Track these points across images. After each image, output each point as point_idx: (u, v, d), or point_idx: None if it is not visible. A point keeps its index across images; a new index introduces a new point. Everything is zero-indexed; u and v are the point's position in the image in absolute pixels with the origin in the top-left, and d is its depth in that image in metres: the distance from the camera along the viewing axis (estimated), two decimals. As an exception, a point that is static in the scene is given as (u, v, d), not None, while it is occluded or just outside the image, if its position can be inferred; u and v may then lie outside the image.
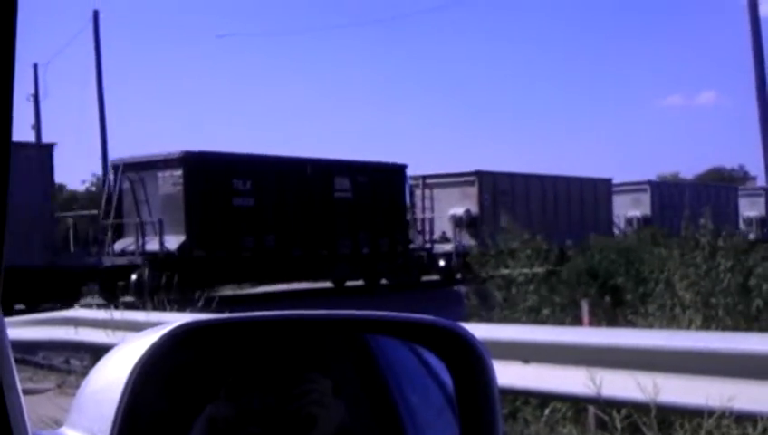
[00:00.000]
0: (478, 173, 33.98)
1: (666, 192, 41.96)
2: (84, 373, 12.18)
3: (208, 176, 25.14)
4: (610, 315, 14.11)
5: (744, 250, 12.89)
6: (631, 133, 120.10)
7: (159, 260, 23.88)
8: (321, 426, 1.42)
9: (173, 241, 24.85)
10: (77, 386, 10.41)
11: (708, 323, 11.45)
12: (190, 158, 25.42)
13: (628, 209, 40.97)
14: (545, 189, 36.44)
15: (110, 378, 1.14)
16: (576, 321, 11.70)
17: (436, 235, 33.67)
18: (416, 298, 25.16)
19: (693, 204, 38.64)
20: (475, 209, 33.18)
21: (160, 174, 25.29)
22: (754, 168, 72.85)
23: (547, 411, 7.38)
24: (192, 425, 1.30)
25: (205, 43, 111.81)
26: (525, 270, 13.88)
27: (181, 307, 10.87)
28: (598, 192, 38.92)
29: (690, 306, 11.86)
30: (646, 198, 41.28)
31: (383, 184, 30.35)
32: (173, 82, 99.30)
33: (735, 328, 11.19)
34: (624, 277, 16.34)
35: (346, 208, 28.96)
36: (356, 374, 1.56)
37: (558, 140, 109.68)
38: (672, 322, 11.85)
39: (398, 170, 31.70)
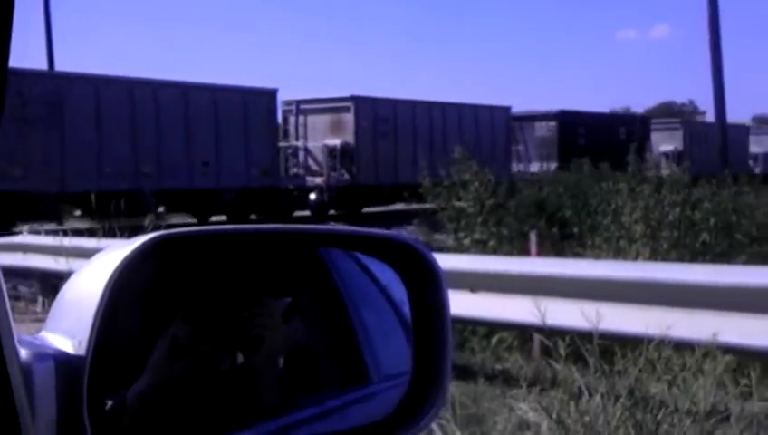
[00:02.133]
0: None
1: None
2: (33, 300, 12.14)
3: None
4: (558, 248, 14.33)
5: (688, 184, 13.09)
6: (583, 66, 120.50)
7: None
8: (268, 346, 1.48)
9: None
10: (25, 312, 10.33)
11: (655, 256, 11.68)
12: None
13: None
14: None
15: (88, 285, 1.18)
16: (524, 253, 11.87)
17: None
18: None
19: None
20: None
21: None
22: (704, 103, 73.62)
23: (494, 341, 7.53)
24: (155, 342, 1.35)
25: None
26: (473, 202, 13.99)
27: (132, 234, 10.83)
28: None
29: (638, 239, 12.08)
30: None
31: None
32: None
33: (681, 261, 11.44)
34: (572, 210, 16.55)
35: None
36: (312, 290, 1.61)
37: (505, 72, 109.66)
38: (619, 254, 12.07)
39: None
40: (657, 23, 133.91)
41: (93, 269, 1.23)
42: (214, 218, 28.24)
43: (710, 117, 38.37)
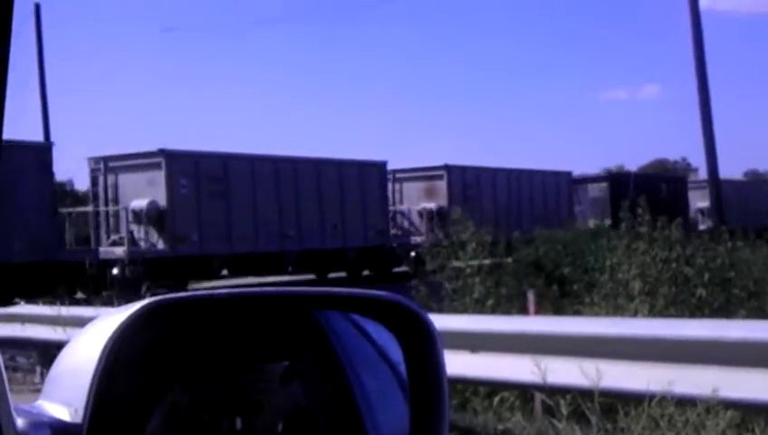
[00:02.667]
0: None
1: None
2: (31, 370, 12.04)
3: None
4: (557, 306, 14.30)
5: (679, 241, 13.10)
6: (576, 127, 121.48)
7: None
8: (267, 411, 1.48)
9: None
10: (23, 383, 10.25)
11: (653, 312, 11.65)
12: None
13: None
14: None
15: (84, 352, 1.18)
16: (523, 311, 11.83)
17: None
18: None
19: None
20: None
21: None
22: (696, 159, 74.04)
23: (496, 401, 7.48)
24: (155, 407, 1.34)
25: (151, 37, 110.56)
26: (474, 262, 14.00)
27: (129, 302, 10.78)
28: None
29: (636, 296, 12.05)
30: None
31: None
32: (118, 79, 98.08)
33: (680, 317, 11.40)
34: (570, 268, 16.55)
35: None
36: (310, 353, 1.61)
37: (499, 132, 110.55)
38: (617, 311, 12.04)
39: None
40: (647, 82, 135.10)
41: (89, 336, 1.23)
42: (333, 275, 31.72)
43: (702, 173, 38.76)
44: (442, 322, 7.21)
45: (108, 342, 1.17)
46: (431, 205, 33.91)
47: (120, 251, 25.32)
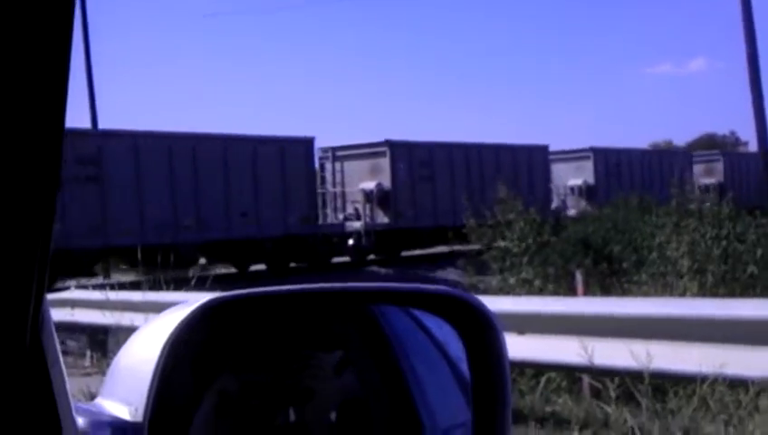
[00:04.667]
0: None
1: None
2: (81, 354, 12.22)
3: None
4: (606, 284, 14.20)
5: (731, 217, 12.94)
6: (623, 101, 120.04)
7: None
8: (319, 399, 1.48)
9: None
10: (74, 366, 10.39)
11: (703, 290, 11.54)
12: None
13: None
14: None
15: (143, 351, 1.19)
16: (571, 291, 11.77)
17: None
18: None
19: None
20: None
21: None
22: (745, 133, 72.92)
23: (542, 382, 7.45)
24: (203, 396, 1.35)
25: (193, 22, 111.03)
26: (520, 242, 13.95)
27: (177, 287, 10.91)
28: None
29: (685, 274, 11.94)
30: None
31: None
32: (162, 63, 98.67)
33: (731, 295, 11.27)
34: (619, 246, 16.40)
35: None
36: (365, 344, 1.61)
37: (549, 111, 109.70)
38: (666, 289, 11.94)
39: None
40: (694, 56, 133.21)
41: (147, 335, 1.23)
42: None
43: (753, 147, 38.08)
44: (489, 303, 7.18)
45: (167, 341, 1.18)
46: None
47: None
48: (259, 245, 27.71)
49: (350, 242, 30.27)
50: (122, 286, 11.93)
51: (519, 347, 6.01)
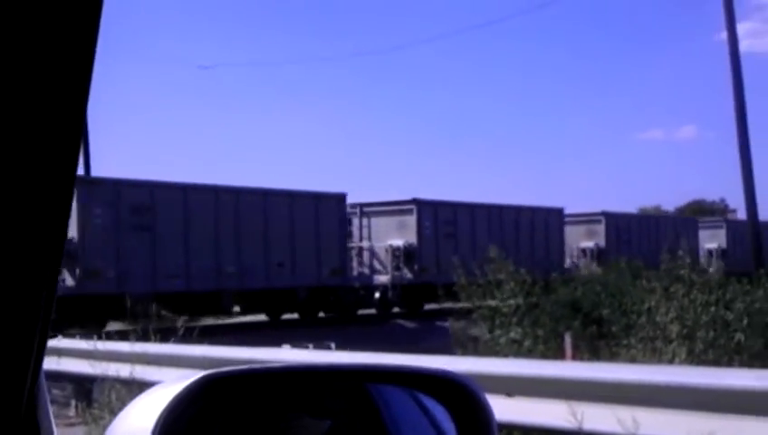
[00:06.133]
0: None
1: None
2: (66, 403, 12.11)
3: None
4: (594, 347, 14.17)
5: (720, 284, 12.98)
6: (613, 167, 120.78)
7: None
8: None
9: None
10: (57, 416, 10.32)
11: (691, 356, 11.53)
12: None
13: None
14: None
15: (138, 422, 1.19)
16: (560, 353, 11.74)
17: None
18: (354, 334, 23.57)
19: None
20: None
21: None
22: (734, 201, 73.44)
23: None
24: None
25: (188, 72, 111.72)
26: (510, 301, 13.94)
27: (164, 337, 10.86)
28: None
29: (674, 339, 11.94)
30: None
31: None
32: (155, 113, 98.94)
33: (718, 362, 11.27)
34: (609, 309, 16.39)
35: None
36: (357, 418, 1.61)
37: (539, 174, 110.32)
38: (654, 354, 11.92)
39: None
40: (684, 123, 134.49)
41: (142, 406, 1.24)
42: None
43: (741, 214, 38.40)
44: (478, 365, 7.20)
45: (162, 413, 1.18)
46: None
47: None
48: (292, 294, 29.04)
49: (377, 295, 31.76)
50: (109, 337, 11.85)
51: (508, 409, 6.00)
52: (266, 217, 28.12)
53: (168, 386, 1.23)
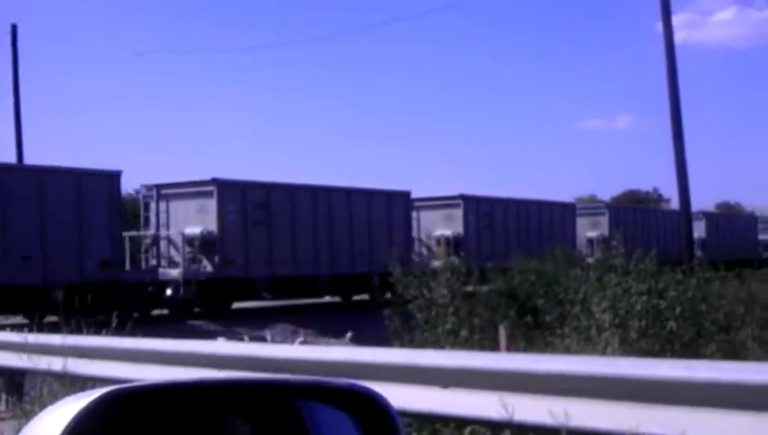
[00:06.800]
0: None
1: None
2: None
3: None
4: (530, 336, 14.31)
5: (654, 273, 13.16)
6: (550, 155, 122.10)
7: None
8: None
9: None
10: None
11: (624, 345, 11.68)
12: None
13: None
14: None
15: None
16: (496, 343, 11.83)
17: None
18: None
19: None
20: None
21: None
22: (668, 190, 74.71)
23: (466, 432, 7.46)
24: None
25: (127, 60, 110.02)
26: (444, 291, 13.99)
27: (97, 330, 10.71)
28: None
29: (607, 329, 12.08)
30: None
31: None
32: (93, 101, 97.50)
33: (650, 351, 11.44)
34: (543, 299, 16.57)
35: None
36: (276, 430, 1.60)
37: (473, 163, 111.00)
38: (588, 343, 12.06)
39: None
40: (621, 113, 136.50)
41: (47, 421, 1.21)
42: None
43: (675, 204, 39.06)
44: (413, 357, 7.22)
45: (65, 428, 1.16)
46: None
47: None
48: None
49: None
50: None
51: (443, 401, 6.04)
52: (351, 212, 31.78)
53: (73, 401, 1.21)
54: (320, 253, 30.80)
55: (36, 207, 24.04)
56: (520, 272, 20.27)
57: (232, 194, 28.75)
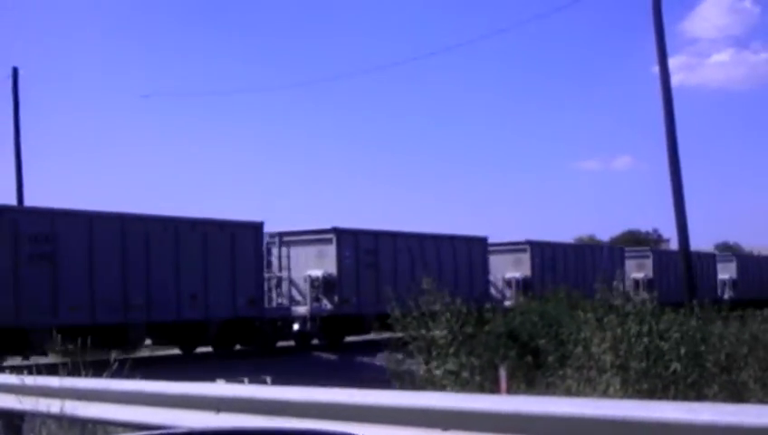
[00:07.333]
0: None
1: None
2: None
3: None
4: (531, 377, 14.25)
5: (654, 314, 13.13)
6: (549, 196, 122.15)
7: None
8: None
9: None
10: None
11: (626, 386, 11.63)
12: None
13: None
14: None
15: None
16: (496, 384, 11.77)
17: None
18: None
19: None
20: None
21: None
22: (667, 231, 74.68)
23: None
24: None
25: (130, 102, 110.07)
26: (445, 332, 13.96)
27: (96, 372, 10.66)
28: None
29: (608, 370, 12.04)
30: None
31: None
32: (96, 143, 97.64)
33: (653, 392, 11.39)
34: (545, 339, 16.50)
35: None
36: None
37: (474, 203, 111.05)
38: (588, 384, 12.01)
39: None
40: (620, 154, 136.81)
41: None
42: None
43: (674, 244, 39.19)
44: (412, 399, 7.18)
45: None
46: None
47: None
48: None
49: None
50: (40, 370, 11.56)
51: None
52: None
53: None
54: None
55: (201, 253, 27.84)
56: (521, 313, 20.21)
57: (347, 241, 32.25)
